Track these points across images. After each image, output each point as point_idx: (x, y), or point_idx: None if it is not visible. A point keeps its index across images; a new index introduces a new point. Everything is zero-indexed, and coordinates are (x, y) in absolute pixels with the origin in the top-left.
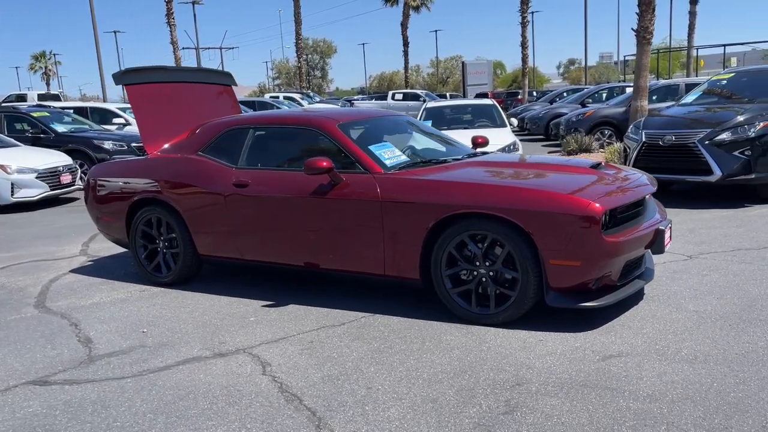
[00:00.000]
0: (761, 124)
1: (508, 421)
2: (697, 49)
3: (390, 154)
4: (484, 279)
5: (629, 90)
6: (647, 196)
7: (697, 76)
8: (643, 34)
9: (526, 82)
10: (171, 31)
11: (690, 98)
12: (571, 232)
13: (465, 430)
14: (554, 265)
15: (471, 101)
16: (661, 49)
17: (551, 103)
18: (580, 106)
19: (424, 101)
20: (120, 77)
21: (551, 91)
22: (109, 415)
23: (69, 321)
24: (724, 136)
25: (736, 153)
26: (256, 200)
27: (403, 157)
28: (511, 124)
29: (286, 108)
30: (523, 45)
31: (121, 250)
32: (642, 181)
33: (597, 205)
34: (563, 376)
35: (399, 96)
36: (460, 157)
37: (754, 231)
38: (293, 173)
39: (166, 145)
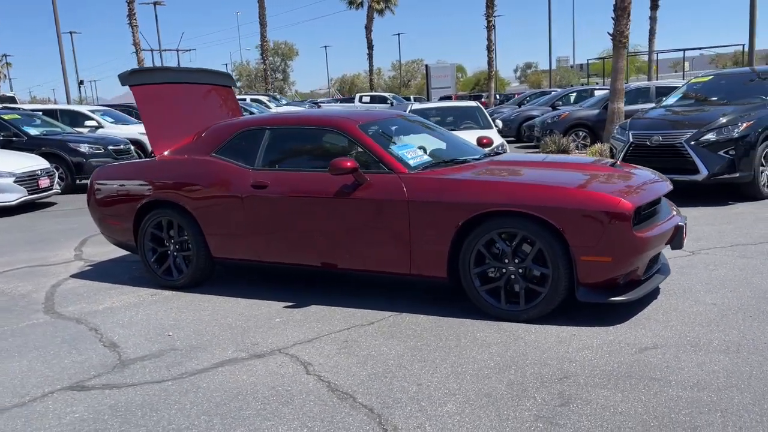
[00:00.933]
0: (744, 124)
1: (567, 413)
2: (657, 53)
3: (412, 154)
4: (512, 276)
5: (598, 93)
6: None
7: (657, 79)
8: (619, 38)
9: (492, 85)
10: (133, 33)
11: (671, 100)
12: (604, 229)
13: (526, 422)
14: (585, 261)
15: (455, 103)
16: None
17: (520, 106)
18: (550, 108)
19: (392, 104)
20: (126, 78)
21: (513, 94)
22: (161, 417)
23: (87, 326)
24: (710, 136)
25: (721, 153)
26: (275, 201)
27: (426, 157)
28: (496, 126)
29: (255, 110)
30: (489, 48)
31: (119, 254)
32: (658, 180)
33: (628, 201)
34: (606, 368)
35: (366, 99)
36: (477, 157)
37: (745, 227)
38: (314, 174)
39: (173, 147)
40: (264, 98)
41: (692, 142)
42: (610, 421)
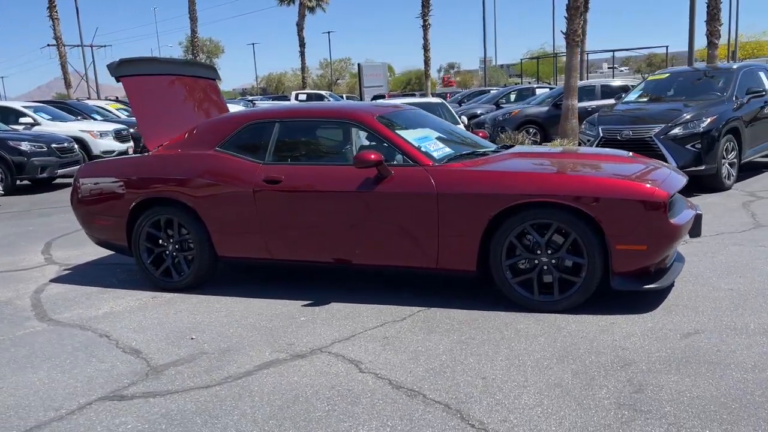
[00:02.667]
0: (707, 120)
1: (646, 399)
2: (587, 54)
3: (435, 147)
4: (545, 267)
5: (539, 91)
6: None
7: (587, 78)
8: (572, 37)
9: (429, 84)
10: (54, 26)
11: (632, 97)
12: (640, 218)
13: (610, 410)
14: (621, 250)
15: (420, 100)
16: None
17: (460, 105)
18: (494, 106)
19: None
20: (115, 68)
21: (446, 93)
22: (226, 424)
23: (95, 332)
24: (677, 131)
25: (688, 146)
26: (291, 197)
27: (447, 149)
28: (462, 122)
29: None
30: (425, 47)
31: (95, 257)
32: (675, 170)
33: (663, 191)
34: (661, 355)
35: (303, 96)
36: (494, 149)
37: (721, 216)
38: (332, 167)
39: (166, 141)
40: None
41: (661, 137)
42: (691, 406)
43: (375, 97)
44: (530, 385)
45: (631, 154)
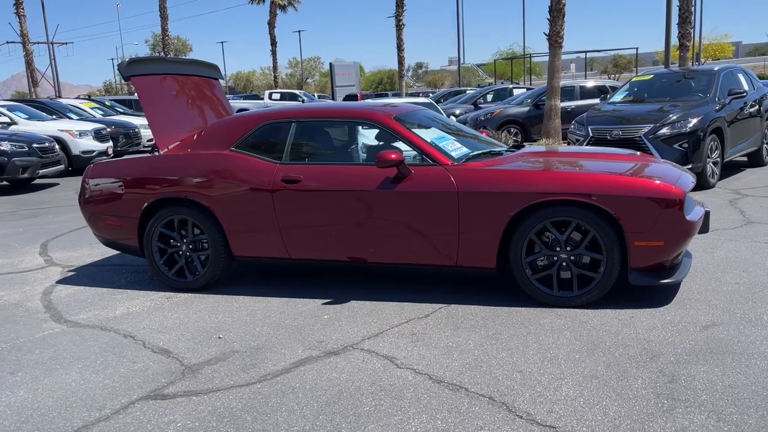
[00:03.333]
0: (693, 120)
1: (681, 388)
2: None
3: (452, 146)
4: (564, 263)
5: (517, 91)
6: None
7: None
8: (555, 38)
9: (404, 83)
10: (21, 23)
11: (618, 97)
12: (658, 215)
13: (650, 400)
14: (639, 246)
15: (409, 100)
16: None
17: (437, 104)
18: (472, 106)
19: (303, 101)
20: (126, 68)
21: (418, 93)
22: (277, 421)
23: (118, 333)
24: (665, 130)
25: (675, 146)
26: (310, 196)
27: (464, 149)
28: None
29: None
30: (400, 47)
31: (98, 257)
32: (684, 170)
33: (679, 188)
34: (685, 346)
35: (276, 96)
36: (505, 148)
37: (711, 214)
38: (351, 167)
39: (177, 141)
40: None
41: (650, 136)
42: (725, 394)
43: (347, 97)
44: (567, 377)
45: (639, 153)
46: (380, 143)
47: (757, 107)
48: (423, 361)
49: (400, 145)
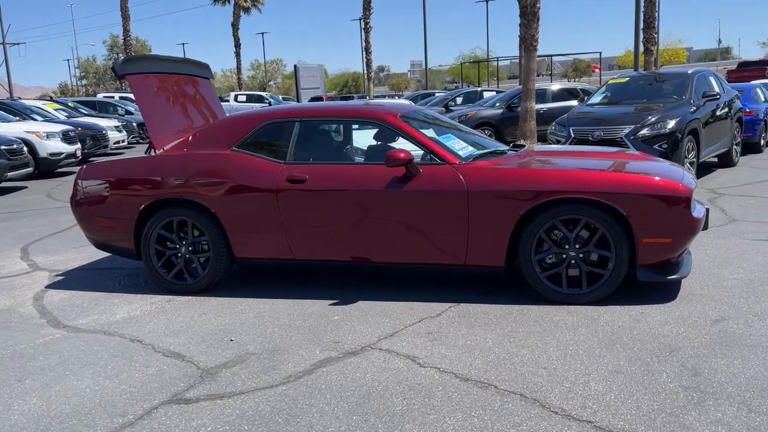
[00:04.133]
0: (672, 121)
1: (706, 381)
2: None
3: (459, 145)
4: (572, 261)
5: (487, 94)
6: None
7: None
8: (530, 42)
9: (371, 86)
10: None
11: (596, 99)
12: (666, 212)
13: (680, 393)
14: (647, 243)
15: (384, 102)
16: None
17: None
18: (443, 109)
19: (270, 103)
20: (121, 66)
21: (384, 95)
22: (309, 423)
23: (124, 338)
24: (645, 131)
25: (656, 146)
26: (316, 196)
27: (470, 148)
28: None
29: (133, 108)
30: (367, 50)
31: (85, 261)
32: (685, 168)
33: (686, 186)
34: (701, 340)
35: (242, 98)
36: (506, 148)
37: None
38: (357, 166)
39: (173, 141)
40: None
41: (631, 137)
42: (750, 386)
43: (312, 99)
44: (592, 373)
45: (638, 152)
46: (386, 143)
47: (727, 110)
48: (445, 359)
49: (406, 144)
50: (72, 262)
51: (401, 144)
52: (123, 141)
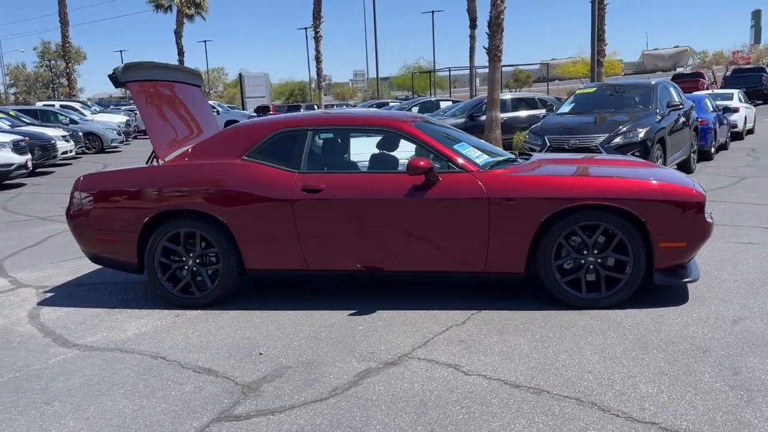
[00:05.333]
0: (642, 130)
1: (749, 379)
2: (476, 68)
3: (474, 154)
4: (591, 266)
5: (444, 104)
6: None
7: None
8: (494, 52)
9: (322, 95)
10: None
11: (566, 108)
12: (682, 217)
13: (728, 392)
14: (664, 247)
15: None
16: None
17: None
18: None
19: (218, 112)
20: (122, 73)
21: (332, 104)
22: None
23: (144, 355)
24: (618, 140)
25: (629, 154)
26: (333, 205)
27: (486, 156)
28: None
29: (76, 117)
30: (318, 59)
31: (71, 276)
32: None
33: (700, 192)
34: (728, 340)
35: None
36: (513, 157)
37: None
38: (373, 175)
39: (176, 151)
40: (77, 105)
41: (606, 145)
42: None
43: (259, 108)
44: (637, 375)
45: (642, 159)
46: (401, 151)
47: (685, 119)
48: (488, 367)
49: (421, 152)
50: (56, 278)
51: (409, 152)
52: (71, 151)
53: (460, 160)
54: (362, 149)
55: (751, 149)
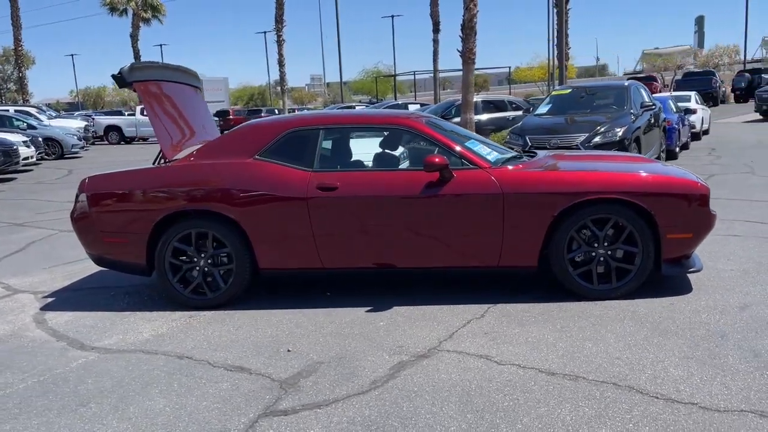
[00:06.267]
0: (620, 130)
1: None
2: (439, 72)
3: (484, 150)
4: (601, 258)
5: (412, 107)
6: None
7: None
8: (468, 55)
9: (286, 99)
10: None
11: (543, 109)
12: (688, 209)
13: (752, 373)
14: (671, 238)
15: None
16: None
17: None
18: None
19: None
20: (129, 73)
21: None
22: (427, 423)
23: (169, 355)
24: (598, 139)
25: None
26: (349, 203)
27: (495, 153)
28: None
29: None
30: (281, 63)
31: (68, 281)
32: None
33: (704, 185)
34: (741, 325)
35: (140, 108)
36: (519, 154)
37: None
38: (387, 173)
39: (184, 152)
40: (32, 110)
41: (586, 144)
42: None
43: (218, 113)
44: (664, 360)
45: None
46: (413, 148)
47: (655, 119)
48: (518, 356)
49: (433, 149)
50: (51, 283)
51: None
52: (32, 156)
53: (473, 157)
54: (374, 148)
55: (711, 149)
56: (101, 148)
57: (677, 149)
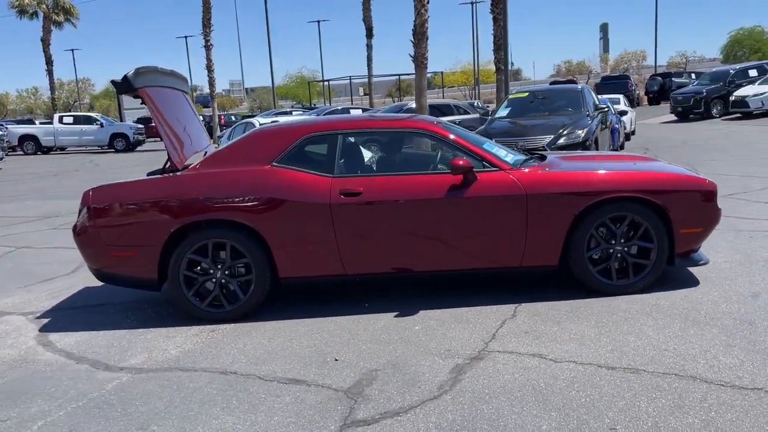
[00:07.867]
0: (582, 131)
1: None
2: (372, 77)
3: (502, 153)
4: (619, 255)
5: (354, 112)
6: None
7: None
8: (420, 60)
9: (215, 105)
10: None
11: (503, 112)
12: (699, 205)
13: None
14: (683, 233)
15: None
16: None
17: None
18: None
19: (101, 125)
20: (135, 78)
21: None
22: (518, 423)
23: (213, 372)
24: (562, 141)
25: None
26: (374, 208)
27: (512, 155)
28: None
29: None
30: (209, 68)
31: (56, 299)
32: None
33: (712, 182)
34: (761, 313)
35: (69, 119)
36: (527, 157)
37: None
38: (410, 176)
39: (194, 160)
40: None
41: (552, 146)
42: None
43: (139, 120)
44: (710, 349)
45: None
46: (432, 152)
47: (605, 120)
48: (570, 353)
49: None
50: (37, 302)
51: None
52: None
53: (492, 159)
54: (392, 152)
55: (646, 149)
56: (17, 159)
57: (618, 149)
